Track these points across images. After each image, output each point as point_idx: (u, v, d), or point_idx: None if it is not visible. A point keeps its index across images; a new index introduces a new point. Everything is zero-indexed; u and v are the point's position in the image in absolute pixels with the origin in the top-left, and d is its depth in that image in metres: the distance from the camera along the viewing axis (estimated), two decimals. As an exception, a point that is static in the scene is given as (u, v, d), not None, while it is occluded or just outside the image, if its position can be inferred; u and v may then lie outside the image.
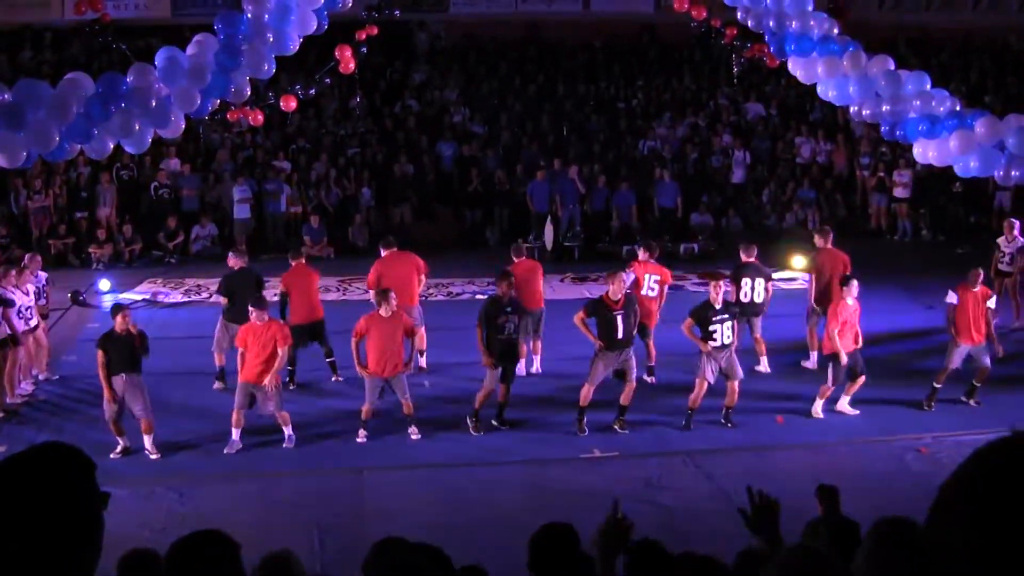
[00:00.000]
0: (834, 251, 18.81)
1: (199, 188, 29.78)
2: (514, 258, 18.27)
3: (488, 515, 12.85)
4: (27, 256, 18.74)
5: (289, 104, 21.87)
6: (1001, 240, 21.08)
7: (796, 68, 18.66)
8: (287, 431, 15.25)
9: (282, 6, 16.96)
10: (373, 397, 15.44)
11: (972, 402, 16.83)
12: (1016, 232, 20.78)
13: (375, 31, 22.29)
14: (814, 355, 18.54)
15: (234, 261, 18.17)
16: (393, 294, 15.77)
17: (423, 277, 18.76)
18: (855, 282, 16.42)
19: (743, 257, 18.61)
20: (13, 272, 17.06)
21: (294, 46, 17.48)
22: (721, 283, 16.42)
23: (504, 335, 15.65)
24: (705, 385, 15.94)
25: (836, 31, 18.27)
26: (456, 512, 13.05)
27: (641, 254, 18.54)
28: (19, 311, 16.82)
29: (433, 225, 30.96)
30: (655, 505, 13.32)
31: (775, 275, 24.09)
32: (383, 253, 18.75)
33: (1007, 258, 20.78)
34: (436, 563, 4.05)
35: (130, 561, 6.11)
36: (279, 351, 15.03)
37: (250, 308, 15.30)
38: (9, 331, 16.54)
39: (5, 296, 16.56)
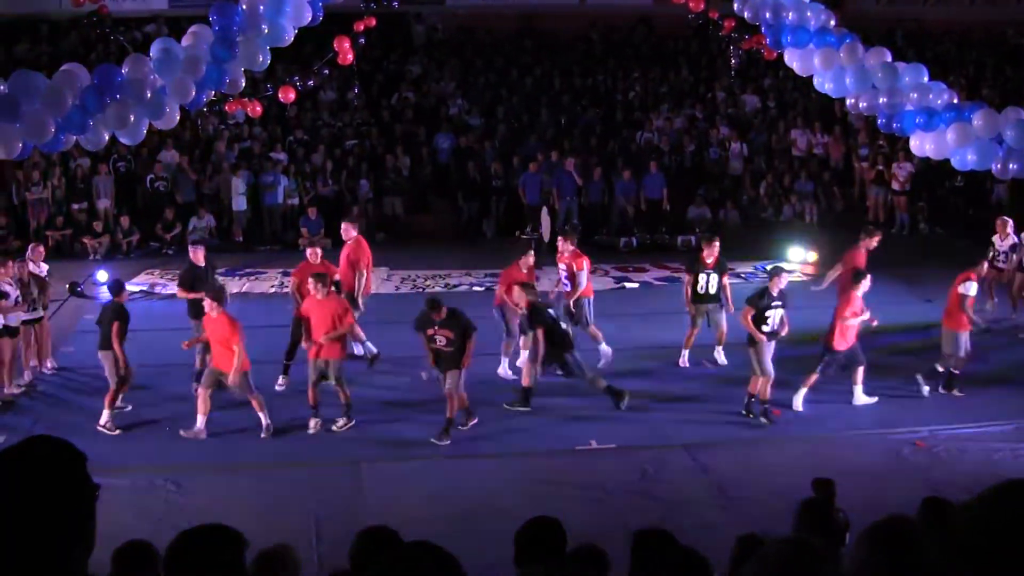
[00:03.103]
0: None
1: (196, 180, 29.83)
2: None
3: (485, 507, 12.83)
4: (29, 247, 18.73)
5: (288, 95, 21.84)
6: (995, 238, 21.07)
7: (793, 60, 18.63)
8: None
9: (277, -3, 16.94)
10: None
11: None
12: (1010, 229, 20.87)
13: (373, 23, 22.24)
14: None
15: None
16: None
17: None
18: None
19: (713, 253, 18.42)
20: (10, 264, 17.12)
21: (289, 37, 17.43)
22: (784, 275, 16.32)
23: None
24: (771, 378, 15.93)
25: (833, 23, 18.24)
26: (453, 504, 13.04)
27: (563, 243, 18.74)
28: (15, 302, 16.85)
29: (429, 217, 30.97)
30: (650, 497, 13.33)
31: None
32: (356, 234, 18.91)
33: (1002, 256, 20.85)
34: (424, 553, 4.04)
35: (125, 553, 6.11)
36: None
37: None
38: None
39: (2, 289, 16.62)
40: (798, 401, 16.34)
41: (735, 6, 19.41)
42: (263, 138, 31.20)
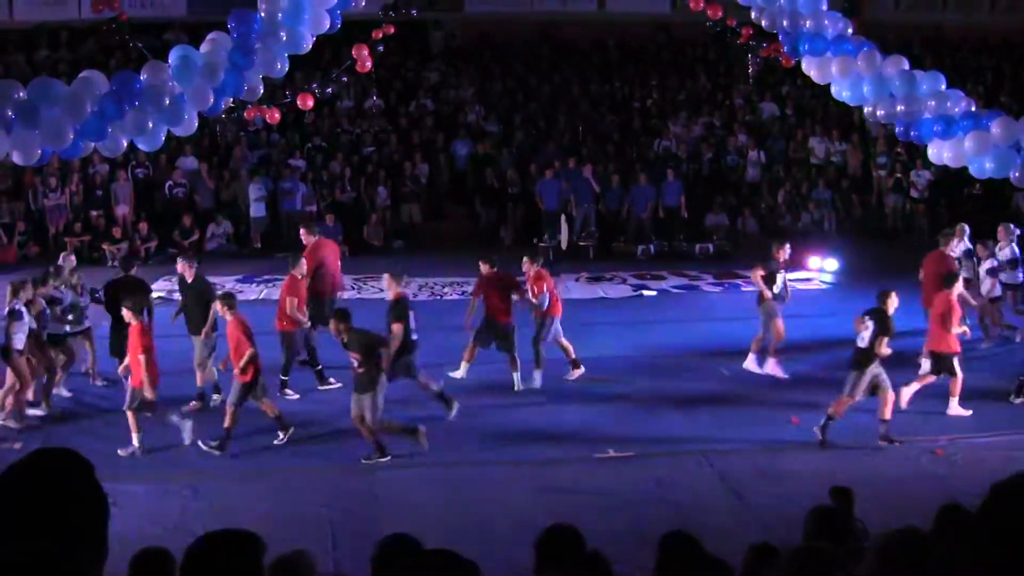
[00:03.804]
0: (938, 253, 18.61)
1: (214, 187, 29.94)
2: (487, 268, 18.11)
3: (501, 515, 12.83)
4: (61, 256, 18.74)
5: (306, 102, 21.87)
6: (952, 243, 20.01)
7: (810, 68, 18.60)
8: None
9: (296, 5, 16.97)
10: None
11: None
12: (965, 236, 20.09)
13: (392, 30, 22.28)
14: None
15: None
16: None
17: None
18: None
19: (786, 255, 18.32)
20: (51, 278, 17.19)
21: (307, 45, 17.49)
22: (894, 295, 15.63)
23: None
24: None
25: (850, 31, 18.21)
26: (469, 512, 13.03)
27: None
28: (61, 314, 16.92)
29: (447, 224, 31.00)
30: (668, 504, 13.31)
31: (789, 275, 24.11)
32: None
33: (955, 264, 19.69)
34: (446, 563, 4.03)
35: (142, 560, 6.12)
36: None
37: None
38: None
39: (53, 297, 16.66)
40: (958, 409, 16.32)
41: (753, 14, 19.38)
42: (281, 145, 31.30)
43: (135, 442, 14.89)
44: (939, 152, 17.52)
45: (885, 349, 15.05)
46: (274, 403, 15.57)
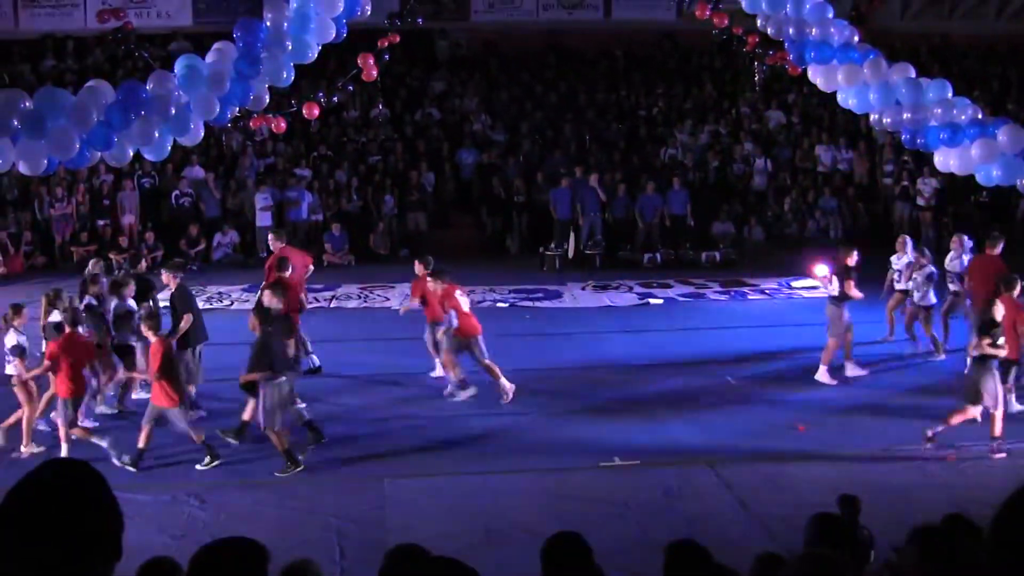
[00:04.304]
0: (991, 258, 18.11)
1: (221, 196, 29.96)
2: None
3: (509, 524, 12.79)
4: (91, 263, 18.57)
5: (312, 111, 21.89)
6: (893, 257, 20.03)
7: (816, 76, 18.59)
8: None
9: (301, 14, 17.00)
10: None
11: None
12: (909, 248, 19.80)
13: (397, 39, 22.31)
14: None
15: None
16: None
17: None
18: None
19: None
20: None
21: (313, 54, 17.51)
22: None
23: None
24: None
25: (856, 39, 18.20)
26: (476, 521, 12.99)
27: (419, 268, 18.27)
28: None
29: (453, 232, 30.99)
30: (674, 513, 13.26)
31: (796, 283, 24.11)
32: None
33: (896, 274, 19.79)
34: (448, 570, 4.02)
35: (149, 569, 6.11)
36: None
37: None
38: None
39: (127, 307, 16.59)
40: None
41: (759, 22, 19.38)
42: (287, 154, 31.34)
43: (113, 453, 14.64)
44: (945, 160, 17.49)
45: (987, 349, 14.72)
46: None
